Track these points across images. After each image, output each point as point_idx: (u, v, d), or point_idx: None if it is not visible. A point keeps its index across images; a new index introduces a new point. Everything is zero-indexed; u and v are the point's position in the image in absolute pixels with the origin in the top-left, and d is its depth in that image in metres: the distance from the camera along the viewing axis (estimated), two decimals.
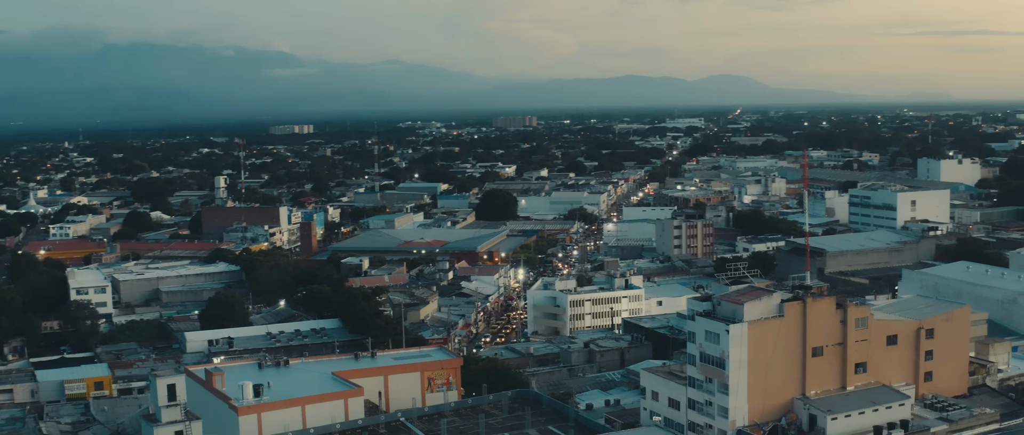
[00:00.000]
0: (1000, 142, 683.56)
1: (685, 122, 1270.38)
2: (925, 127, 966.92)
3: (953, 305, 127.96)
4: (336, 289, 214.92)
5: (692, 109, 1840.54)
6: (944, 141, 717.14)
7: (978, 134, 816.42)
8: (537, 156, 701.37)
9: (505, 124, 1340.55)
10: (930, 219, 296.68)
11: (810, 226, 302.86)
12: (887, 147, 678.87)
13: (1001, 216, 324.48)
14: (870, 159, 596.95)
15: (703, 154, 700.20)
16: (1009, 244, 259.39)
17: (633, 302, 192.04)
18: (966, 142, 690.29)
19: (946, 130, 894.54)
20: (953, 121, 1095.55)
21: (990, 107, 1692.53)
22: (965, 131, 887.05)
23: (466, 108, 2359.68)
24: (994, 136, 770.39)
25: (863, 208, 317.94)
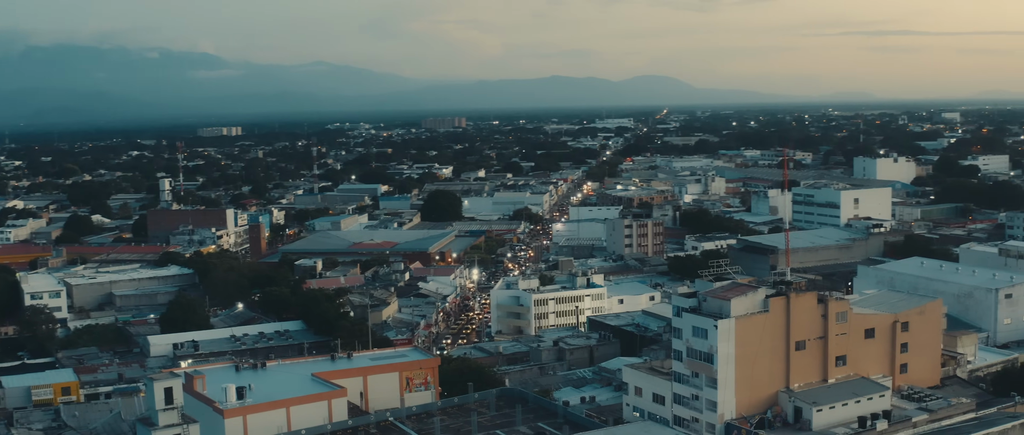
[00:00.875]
0: (929, 141, 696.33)
1: (614, 122, 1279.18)
2: (853, 126, 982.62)
3: (925, 299, 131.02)
4: (295, 291, 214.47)
5: (618, 109, 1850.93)
6: (873, 140, 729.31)
7: (906, 133, 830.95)
8: (472, 157, 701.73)
9: (435, 125, 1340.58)
10: (873, 216, 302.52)
11: (755, 224, 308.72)
12: (819, 146, 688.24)
13: (940, 213, 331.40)
14: (804, 158, 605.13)
15: (637, 154, 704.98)
16: (952, 240, 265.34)
17: (596, 301, 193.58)
18: (896, 141, 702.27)
19: (874, 129, 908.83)
20: (879, 120, 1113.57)
21: (913, 106, 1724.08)
22: (893, 130, 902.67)
23: (393, 109, 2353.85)
24: (922, 135, 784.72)
25: (807, 206, 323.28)
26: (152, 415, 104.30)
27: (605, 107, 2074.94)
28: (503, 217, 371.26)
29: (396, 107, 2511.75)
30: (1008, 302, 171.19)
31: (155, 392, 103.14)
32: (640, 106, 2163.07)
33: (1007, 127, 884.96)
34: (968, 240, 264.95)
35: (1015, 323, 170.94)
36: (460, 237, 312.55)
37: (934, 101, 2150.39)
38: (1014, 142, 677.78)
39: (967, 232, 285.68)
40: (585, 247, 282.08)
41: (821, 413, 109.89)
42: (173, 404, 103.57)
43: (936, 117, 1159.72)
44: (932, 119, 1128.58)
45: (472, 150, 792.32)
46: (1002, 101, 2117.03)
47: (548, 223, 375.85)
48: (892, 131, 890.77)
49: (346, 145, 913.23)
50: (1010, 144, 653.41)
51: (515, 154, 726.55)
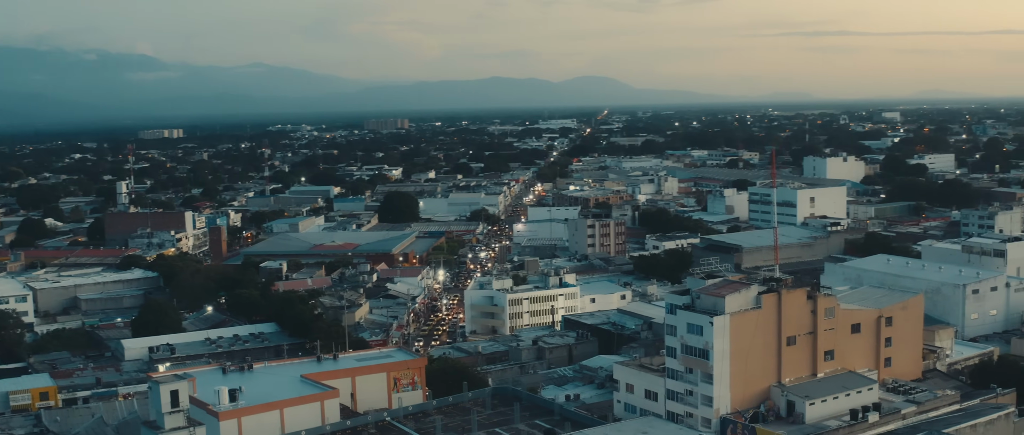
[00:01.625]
0: (873, 140, 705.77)
1: (558, 123, 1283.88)
2: (795, 126, 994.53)
3: (907, 295, 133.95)
4: (264, 294, 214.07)
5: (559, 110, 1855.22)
6: (818, 140, 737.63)
7: (849, 133, 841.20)
8: (420, 158, 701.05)
9: (378, 126, 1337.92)
10: (828, 215, 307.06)
11: (714, 224, 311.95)
12: (764, 146, 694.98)
13: (894, 211, 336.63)
14: (751, 158, 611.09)
15: (584, 155, 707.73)
16: (908, 238, 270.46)
17: (569, 300, 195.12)
18: (840, 141, 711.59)
19: (816, 129, 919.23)
20: (821, 120, 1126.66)
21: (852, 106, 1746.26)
22: (835, 130, 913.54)
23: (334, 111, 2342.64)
24: (865, 134, 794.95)
25: (763, 205, 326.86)
26: (157, 418, 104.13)
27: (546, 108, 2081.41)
28: (460, 218, 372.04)
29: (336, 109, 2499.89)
30: (975, 297, 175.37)
31: (161, 395, 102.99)
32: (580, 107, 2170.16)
33: (948, 126, 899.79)
34: (924, 237, 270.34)
35: (982, 318, 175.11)
36: (421, 238, 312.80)
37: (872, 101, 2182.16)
38: (957, 141, 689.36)
39: (923, 230, 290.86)
40: (547, 247, 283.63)
41: (814, 406, 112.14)
42: (179, 407, 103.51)
43: (876, 117, 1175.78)
44: (872, 118, 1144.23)
45: (418, 151, 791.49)
46: (939, 100, 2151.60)
47: (505, 224, 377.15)
48: (834, 131, 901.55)
49: (290, 147, 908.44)
50: (953, 143, 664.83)
51: (462, 155, 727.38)
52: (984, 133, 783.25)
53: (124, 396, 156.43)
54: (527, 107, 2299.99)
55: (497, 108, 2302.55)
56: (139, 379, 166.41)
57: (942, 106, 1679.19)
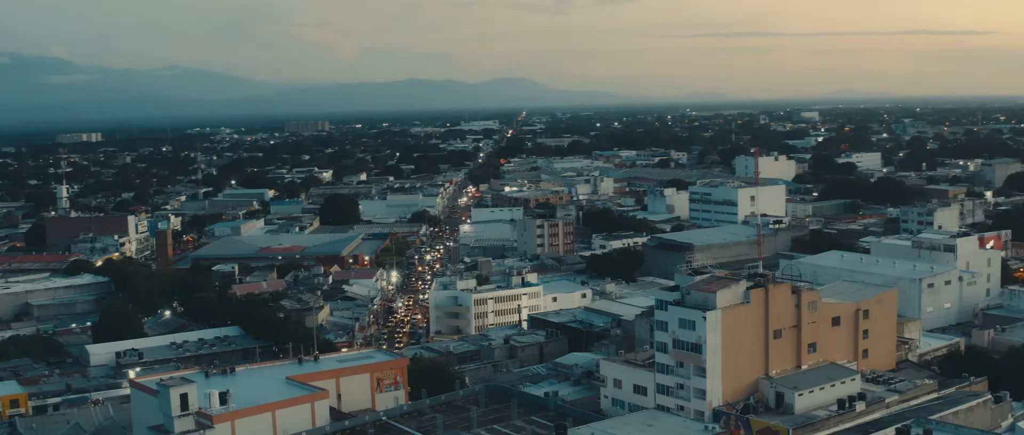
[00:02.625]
0: (796, 139, 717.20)
1: (480, 124, 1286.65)
2: (716, 126, 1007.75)
3: (882, 289, 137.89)
4: (222, 297, 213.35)
5: (478, 112, 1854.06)
6: (742, 139, 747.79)
7: (771, 132, 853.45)
8: (348, 160, 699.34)
9: (298, 128, 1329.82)
10: (768, 213, 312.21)
11: (657, 223, 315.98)
12: (690, 146, 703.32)
13: (830, 209, 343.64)
14: (680, 158, 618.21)
15: (511, 155, 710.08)
16: (849, 235, 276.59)
17: (532, 299, 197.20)
18: (763, 140, 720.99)
19: (737, 129, 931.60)
20: (741, 120, 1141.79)
21: (767, 106, 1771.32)
22: (757, 130, 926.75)
23: (250, 113, 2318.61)
24: (788, 134, 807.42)
25: (704, 204, 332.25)
26: (166, 421, 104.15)
27: (465, 109, 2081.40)
28: (401, 219, 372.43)
29: (253, 111, 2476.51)
30: (930, 291, 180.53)
31: (171, 398, 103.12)
32: (498, 108, 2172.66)
33: (868, 125, 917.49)
34: (864, 234, 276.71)
35: (937, 311, 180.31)
36: (366, 240, 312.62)
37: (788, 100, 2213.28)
38: (879, 140, 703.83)
39: (863, 227, 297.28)
40: (496, 247, 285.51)
41: (802, 397, 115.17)
42: (188, 410, 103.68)
43: (795, 116, 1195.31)
44: (792, 118, 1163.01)
45: (343, 153, 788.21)
46: (853, 100, 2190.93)
47: (446, 225, 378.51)
48: (756, 130, 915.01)
49: (213, 150, 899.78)
50: (876, 142, 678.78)
51: (389, 157, 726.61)
52: (904, 132, 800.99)
53: (94, 402, 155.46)
54: (445, 108, 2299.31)
55: (415, 110, 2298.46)
56: (109, 384, 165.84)
57: (857, 105, 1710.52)
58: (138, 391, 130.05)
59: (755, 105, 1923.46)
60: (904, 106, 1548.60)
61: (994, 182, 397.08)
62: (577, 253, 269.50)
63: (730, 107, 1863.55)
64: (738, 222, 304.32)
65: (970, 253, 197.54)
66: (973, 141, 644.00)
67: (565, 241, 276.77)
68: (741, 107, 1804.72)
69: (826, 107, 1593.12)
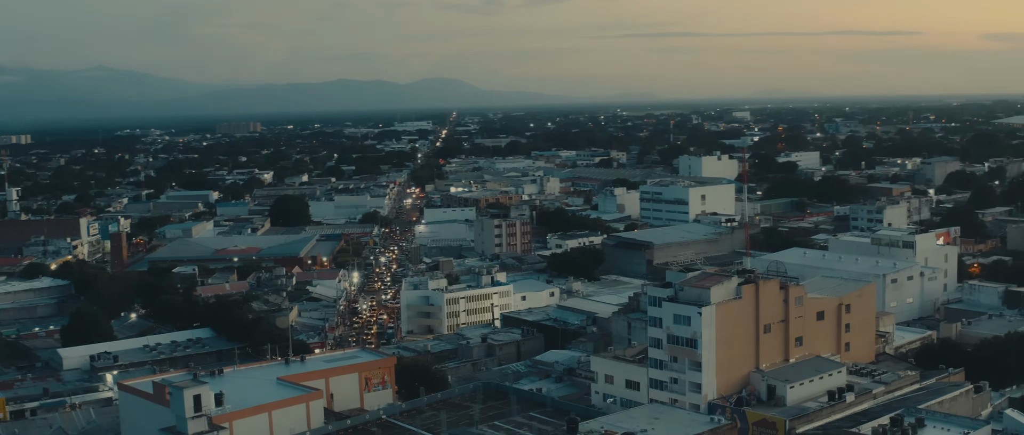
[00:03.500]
0: (732, 138, 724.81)
1: (414, 125, 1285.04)
2: (650, 126, 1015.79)
3: (861, 283, 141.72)
4: (188, 299, 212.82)
5: (409, 112, 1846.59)
6: (678, 139, 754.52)
7: (706, 132, 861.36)
8: (286, 162, 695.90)
9: (231, 130, 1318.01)
10: (718, 212, 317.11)
11: (610, 222, 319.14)
12: (627, 146, 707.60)
13: (778, 207, 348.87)
14: (619, 157, 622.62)
15: (450, 156, 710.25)
16: (801, 233, 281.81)
17: (503, 298, 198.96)
18: (699, 140, 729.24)
19: (672, 129, 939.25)
20: (674, 120, 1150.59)
21: (697, 106, 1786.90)
22: (691, 129, 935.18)
23: (180, 114, 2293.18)
24: (723, 133, 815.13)
25: (655, 203, 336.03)
26: (179, 423, 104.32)
27: (397, 109, 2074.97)
28: (350, 220, 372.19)
29: (182, 112, 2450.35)
30: (894, 286, 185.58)
31: (185, 400, 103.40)
32: (428, 108, 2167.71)
33: (801, 125, 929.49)
34: (815, 232, 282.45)
35: (900, 306, 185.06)
36: (320, 241, 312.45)
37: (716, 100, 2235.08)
38: (814, 139, 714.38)
39: (813, 224, 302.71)
40: (453, 247, 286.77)
41: (793, 390, 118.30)
42: (202, 412, 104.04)
43: (727, 116, 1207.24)
44: (724, 118, 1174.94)
45: (279, 154, 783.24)
46: (782, 100, 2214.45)
47: (396, 226, 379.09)
48: (690, 130, 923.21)
49: (146, 152, 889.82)
50: (811, 140, 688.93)
51: (327, 158, 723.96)
52: (838, 131, 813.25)
53: (71, 407, 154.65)
54: (375, 109, 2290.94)
55: (346, 110, 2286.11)
56: (86, 388, 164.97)
57: (786, 105, 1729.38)
58: (128, 394, 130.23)
59: (685, 105, 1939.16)
60: (833, 106, 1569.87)
61: (934, 180, 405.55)
62: (535, 252, 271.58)
63: (660, 107, 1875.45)
64: (689, 221, 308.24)
65: (928, 249, 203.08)
66: (907, 140, 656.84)
67: (522, 241, 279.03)
68: (671, 107, 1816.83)
69: (755, 107, 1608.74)
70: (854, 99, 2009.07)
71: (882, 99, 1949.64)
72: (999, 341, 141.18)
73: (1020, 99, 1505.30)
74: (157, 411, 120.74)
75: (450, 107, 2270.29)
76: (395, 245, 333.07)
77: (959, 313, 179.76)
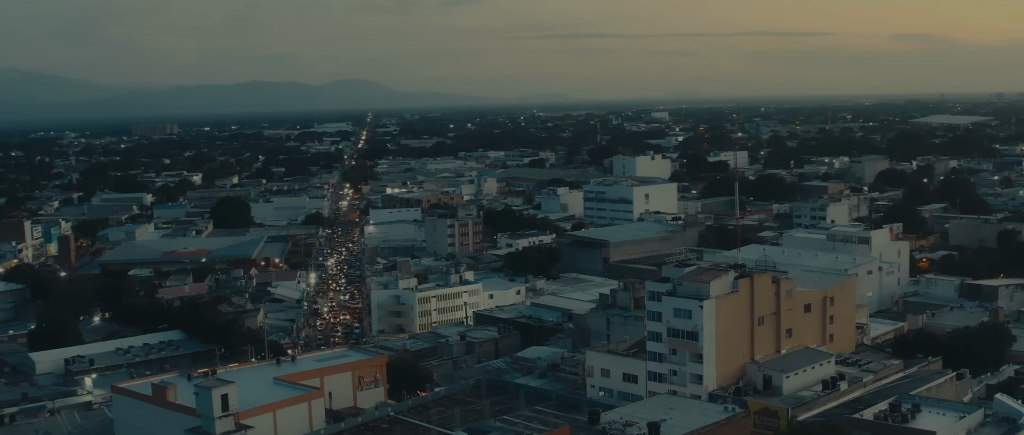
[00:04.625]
0: (655, 139, 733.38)
1: (334, 126, 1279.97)
2: (571, 127, 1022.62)
3: (843, 276, 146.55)
4: (151, 301, 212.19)
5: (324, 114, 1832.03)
6: (603, 139, 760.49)
7: (629, 133, 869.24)
8: (212, 164, 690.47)
9: (148, 132, 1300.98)
10: (662, 210, 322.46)
11: (557, 221, 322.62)
12: (551, 146, 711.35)
13: (718, 206, 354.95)
14: (548, 158, 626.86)
15: (377, 157, 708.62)
16: (746, 230, 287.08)
17: (473, 296, 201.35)
18: (623, 140, 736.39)
19: (594, 130, 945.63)
20: (593, 121, 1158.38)
21: (612, 106, 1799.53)
22: (613, 129, 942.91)
23: (93, 117, 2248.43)
24: (646, 134, 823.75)
25: (599, 202, 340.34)
26: (207, 423, 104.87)
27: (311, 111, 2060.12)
28: (292, 222, 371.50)
29: (95, 114, 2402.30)
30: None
31: (212, 400, 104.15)
32: (343, 110, 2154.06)
33: (720, 125, 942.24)
34: (760, 229, 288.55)
35: (860, 300, 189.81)
36: (269, 243, 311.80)
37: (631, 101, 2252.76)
38: (738, 139, 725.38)
39: (758, 222, 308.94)
40: (405, 248, 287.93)
41: (789, 379, 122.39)
42: (229, 411, 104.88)
43: (646, 116, 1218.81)
44: (642, 118, 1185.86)
45: (202, 157, 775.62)
46: (696, 100, 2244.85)
47: (339, 227, 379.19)
48: (612, 130, 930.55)
49: (65, 154, 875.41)
50: (735, 139, 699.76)
51: (251, 159, 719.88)
52: (758, 130, 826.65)
53: (50, 412, 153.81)
54: (290, 110, 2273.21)
55: (260, 112, 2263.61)
56: (64, 393, 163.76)
57: (701, 106, 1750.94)
58: (124, 397, 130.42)
59: (600, 105, 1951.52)
60: (747, 106, 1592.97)
61: (864, 178, 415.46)
62: (488, 252, 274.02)
63: (576, 108, 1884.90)
64: (634, 220, 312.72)
65: (882, 245, 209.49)
66: (829, 139, 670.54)
67: (475, 240, 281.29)
68: (587, 108, 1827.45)
69: (671, 107, 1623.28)
70: (768, 99, 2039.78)
71: (795, 99, 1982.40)
72: (972, 330, 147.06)
73: (931, 99, 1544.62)
74: (157, 414, 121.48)
75: (365, 108, 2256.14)
76: (342, 246, 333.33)
77: (916, 306, 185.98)
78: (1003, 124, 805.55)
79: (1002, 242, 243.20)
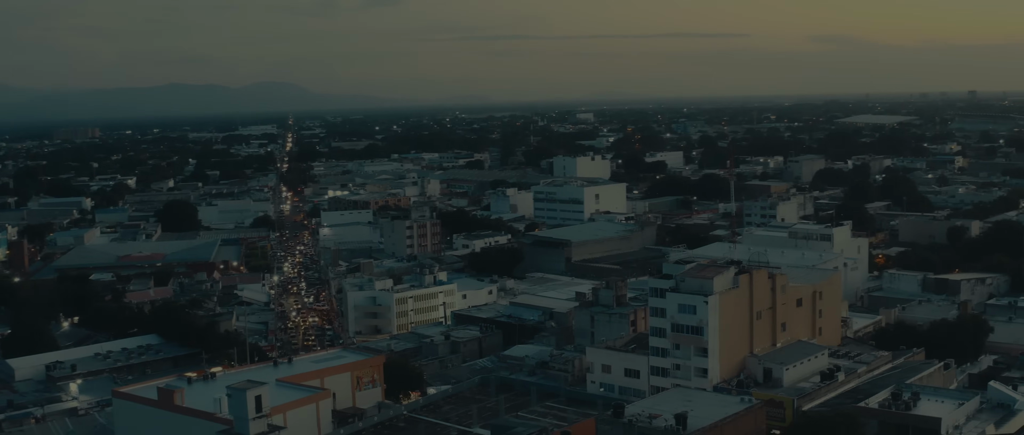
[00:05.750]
0: (587, 140, 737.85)
1: (259, 129, 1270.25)
2: (495, 128, 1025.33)
3: (829, 272, 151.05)
4: (120, 306, 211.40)
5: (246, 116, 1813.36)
6: (534, 141, 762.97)
7: (557, 134, 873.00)
8: (142, 167, 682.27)
9: (70, 135, 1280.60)
10: (612, 210, 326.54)
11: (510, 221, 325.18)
12: (482, 148, 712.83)
13: (665, 205, 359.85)
14: (484, 159, 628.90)
15: (310, 160, 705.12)
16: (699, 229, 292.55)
17: (448, 297, 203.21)
18: (555, 141, 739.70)
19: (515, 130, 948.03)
20: (519, 122, 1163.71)
21: (534, 108, 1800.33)
22: (541, 130, 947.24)
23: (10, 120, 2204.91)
24: (575, 135, 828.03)
25: (549, 203, 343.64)
26: (240, 424, 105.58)
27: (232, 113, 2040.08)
28: (240, 225, 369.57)
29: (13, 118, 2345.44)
30: None
31: (247, 401, 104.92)
32: (264, 112, 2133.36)
33: (648, 126, 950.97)
34: (712, 228, 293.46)
35: None
36: (223, 246, 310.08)
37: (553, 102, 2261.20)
38: (668, 139, 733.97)
39: (709, 221, 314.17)
40: (363, 250, 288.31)
41: (789, 372, 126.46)
42: (262, 411, 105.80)
43: (571, 118, 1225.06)
44: (567, 120, 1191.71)
45: (131, 160, 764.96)
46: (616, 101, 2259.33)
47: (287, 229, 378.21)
48: (540, 131, 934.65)
49: None
50: (666, 139, 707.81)
51: (182, 163, 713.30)
52: (686, 131, 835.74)
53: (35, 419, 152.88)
54: (209, 113, 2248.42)
55: (181, 115, 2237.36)
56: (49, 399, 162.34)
57: (623, 107, 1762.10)
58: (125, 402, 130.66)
59: (523, 107, 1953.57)
60: (669, 107, 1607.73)
61: (802, 177, 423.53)
62: (446, 253, 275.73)
63: (498, 109, 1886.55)
64: (585, 220, 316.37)
65: (843, 241, 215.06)
66: (758, 139, 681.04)
67: (433, 242, 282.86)
68: (510, 109, 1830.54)
69: (594, 109, 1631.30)
70: (689, 100, 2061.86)
71: (715, 100, 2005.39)
72: (950, 322, 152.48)
73: (850, 99, 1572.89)
74: (165, 418, 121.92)
75: (285, 110, 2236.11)
76: (293, 249, 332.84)
77: (882, 300, 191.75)
78: (927, 123, 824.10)
79: (952, 238, 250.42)
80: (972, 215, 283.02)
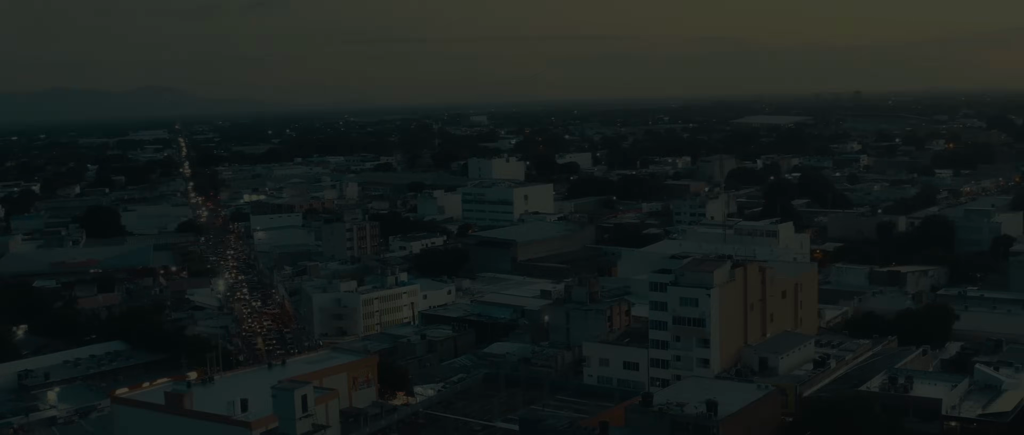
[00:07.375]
0: (489, 142, 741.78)
1: (150, 134, 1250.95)
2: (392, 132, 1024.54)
3: (807, 266, 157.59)
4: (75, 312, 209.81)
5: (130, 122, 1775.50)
6: (433, 145, 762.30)
7: (456, 137, 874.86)
8: (42, 174, 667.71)
9: None
10: (541, 211, 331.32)
11: (441, 222, 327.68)
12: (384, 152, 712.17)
13: (590, 205, 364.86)
14: (394, 163, 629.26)
15: (214, 164, 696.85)
16: (632, 228, 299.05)
17: (411, 297, 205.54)
18: (458, 143, 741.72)
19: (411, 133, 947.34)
20: (414, 124, 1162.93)
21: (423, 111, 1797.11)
22: (440, 134, 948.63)
23: None
24: (478, 137, 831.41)
25: (478, 204, 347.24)
26: (287, 425, 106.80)
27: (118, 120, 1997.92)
28: (163, 230, 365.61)
29: None
30: None
31: (295, 401, 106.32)
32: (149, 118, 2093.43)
33: (544, 128, 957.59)
34: (644, 227, 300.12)
35: None
36: (157, 251, 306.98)
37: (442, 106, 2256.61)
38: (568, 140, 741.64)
39: (640, 219, 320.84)
40: (301, 253, 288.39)
41: (784, 360, 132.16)
42: (308, 411, 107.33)
43: (465, 121, 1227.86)
44: (461, 122, 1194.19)
45: (26, 167, 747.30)
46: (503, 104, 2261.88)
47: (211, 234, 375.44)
48: (440, 135, 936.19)
49: None
50: (569, 141, 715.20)
51: (80, 169, 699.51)
52: (584, 133, 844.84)
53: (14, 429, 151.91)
54: (94, 118, 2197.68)
55: (66, 120, 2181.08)
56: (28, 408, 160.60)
57: (512, 110, 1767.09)
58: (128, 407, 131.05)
59: (412, 110, 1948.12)
60: (559, 109, 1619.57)
61: (715, 176, 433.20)
62: (385, 254, 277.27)
63: (387, 112, 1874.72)
64: (515, 220, 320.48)
65: (787, 238, 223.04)
66: (659, 140, 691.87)
67: (372, 243, 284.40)
68: (399, 112, 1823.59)
69: (484, 111, 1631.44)
70: (577, 102, 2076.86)
71: (604, 102, 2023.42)
72: (916, 312, 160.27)
73: (738, 100, 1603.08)
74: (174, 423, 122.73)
75: (171, 115, 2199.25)
76: (225, 253, 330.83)
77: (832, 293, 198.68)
78: (821, 123, 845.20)
79: (882, 234, 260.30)
80: (894, 211, 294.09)
